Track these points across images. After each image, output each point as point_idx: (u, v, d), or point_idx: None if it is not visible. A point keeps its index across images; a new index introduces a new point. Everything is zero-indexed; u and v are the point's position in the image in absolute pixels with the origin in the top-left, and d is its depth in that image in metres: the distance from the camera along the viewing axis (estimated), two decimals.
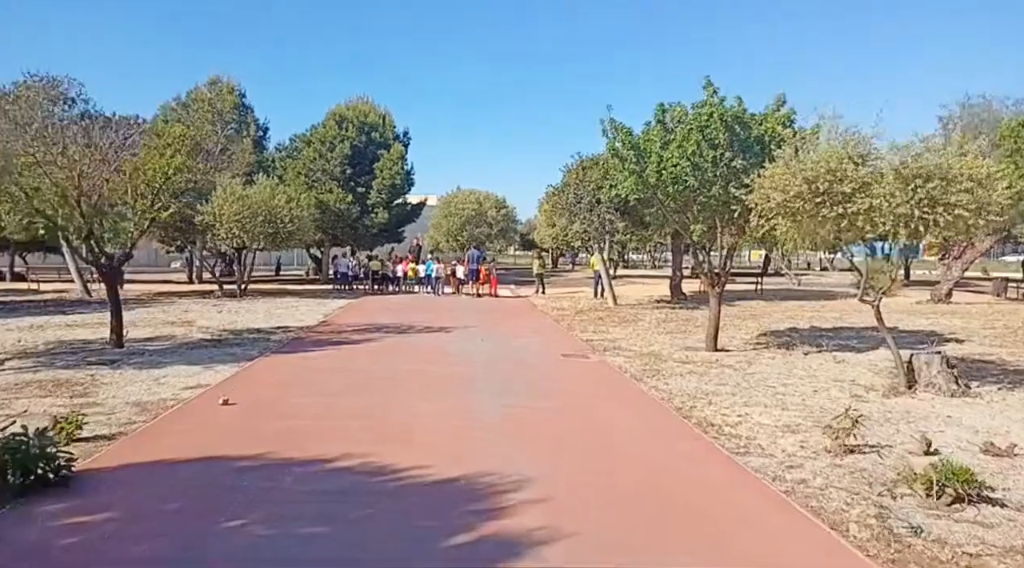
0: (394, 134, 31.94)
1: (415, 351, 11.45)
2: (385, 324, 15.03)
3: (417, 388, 8.46)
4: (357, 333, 13.49)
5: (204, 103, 28.19)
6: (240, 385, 8.49)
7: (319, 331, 13.92)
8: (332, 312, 17.72)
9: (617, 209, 17.82)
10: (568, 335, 14.10)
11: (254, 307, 18.65)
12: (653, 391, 8.67)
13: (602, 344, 12.69)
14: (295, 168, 28.31)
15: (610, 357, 11.26)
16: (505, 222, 44.56)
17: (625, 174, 10.83)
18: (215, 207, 20.04)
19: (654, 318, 17.17)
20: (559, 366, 10.43)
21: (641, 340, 13.33)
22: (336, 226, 27.99)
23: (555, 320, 16.67)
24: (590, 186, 17.87)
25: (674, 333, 14.45)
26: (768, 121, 10.56)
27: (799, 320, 16.70)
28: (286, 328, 14.26)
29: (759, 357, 11.47)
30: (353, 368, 9.71)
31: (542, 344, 12.74)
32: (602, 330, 14.86)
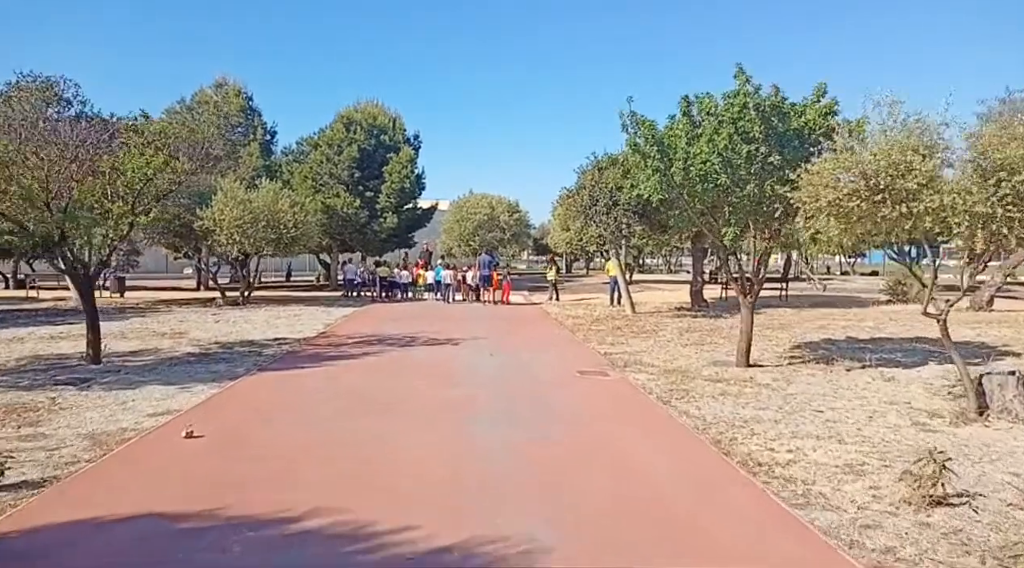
0: (404, 137, 31.05)
1: (416, 368, 10.42)
2: (388, 335, 14.04)
3: (414, 416, 7.43)
4: (357, 346, 12.50)
5: (209, 106, 27.44)
6: (214, 411, 7.50)
7: (317, 343, 12.95)
8: (334, 322, 16.77)
9: (635, 212, 16.72)
10: (584, 348, 13.03)
11: (254, 316, 17.75)
12: (684, 418, 7.58)
13: (622, 358, 11.62)
14: (302, 172, 27.48)
15: (632, 374, 10.18)
16: (518, 227, 43.61)
17: (648, 173, 9.77)
18: (215, 212, 19.18)
19: (676, 328, 16.05)
20: (575, 386, 9.36)
21: (664, 353, 12.24)
22: (344, 231, 27.10)
23: (570, 330, 15.60)
24: (607, 187, 16.80)
25: (699, 345, 13.34)
26: (808, 113, 9.45)
27: (833, 330, 15.52)
28: (282, 340, 13.31)
29: (797, 374, 10.34)
30: (345, 389, 8.70)
31: (556, 358, 11.69)
32: (621, 342, 13.78)
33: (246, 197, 19.67)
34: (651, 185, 9.69)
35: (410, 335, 14.11)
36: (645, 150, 9.81)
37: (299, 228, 20.37)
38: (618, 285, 22.02)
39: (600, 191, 16.87)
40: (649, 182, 9.70)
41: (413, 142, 31.82)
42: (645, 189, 9.95)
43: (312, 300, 23.49)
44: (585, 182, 17.66)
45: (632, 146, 9.92)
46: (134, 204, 10.57)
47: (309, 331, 14.79)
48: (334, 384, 8.97)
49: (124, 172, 10.30)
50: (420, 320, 17.70)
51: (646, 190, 9.92)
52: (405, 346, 12.59)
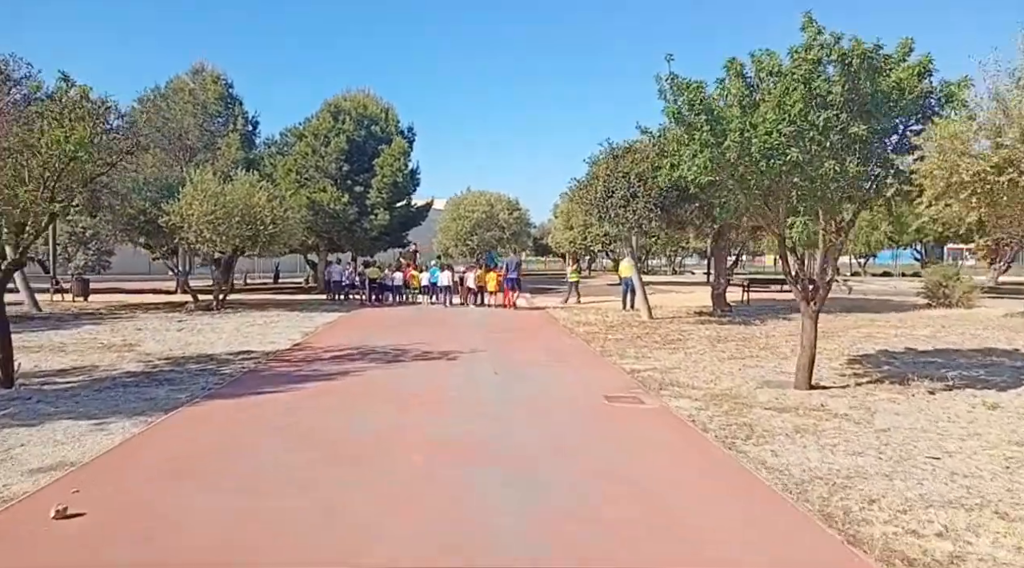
0: (397, 128, 28.98)
1: (403, 394, 8.37)
2: (374, 348, 12.01)
3: (393, 475, 5.38)
4: (334, 362, 10.46)
5: (185, 93, 25.35)
6: (119, 466, 5.47)
7: (287, 359, 10.91)
8: (314, 330, 14.72)
9: (656, 204, 14.73)
10: (604, 362, 11.02)
11: (224, 323, 15.69)
12: (763, 472, 5.56)
13: (652, 376, 9.62)
14: (285, 165, 25.42)
15: (672, 400, 8.18)
16: (518, 225, 41.57)
17: (694, 148, 7.74)
18: (182, 206, 17.12)
19: (704, 337, 14.06)
20: (604, 419, 7.34)
21: (702, 370, 10.25)
22: (331, 229, 25.05)
23: (584, 340, 13.58)
24: (626, 177, 14.80)
25: (738, 359, 11.36)
26: (898, 73, 7.44)
27: (884, 340, 13.56)
28: (248, 354, 11.27)
29: (874, 399, 8.35)
30: (306, 429, 6.65)
31: (575, 378, 9.67)
32: (645, 354, 11.78)
33: (218, 190, 17.60)
34: (699, 163, 7.66)
35: (399, 347, 12.07)
36: (691, 120, 7.79)
37: (278, 224, 18.32)
38: (632, 287, 20.05)
39: (617, 181, 14.86)
40: (697, 160, 7.67)
41: (407, 134, 29.75)
42: (690, 170, 7.92)
43: (295, 304, 21.43)
44: (599, 172, 15.65)
45: (673, 116, 7.90)
46: (54, 189, 8.51)
47: (282, 342, 12.74)
48: (294, 420, 6.92)
49: (40, 150, 8.26)
50: (412, 327, 15.67)
51: (691, 171, 7.89)
52: (391, 362, 10.55)
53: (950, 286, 19.86)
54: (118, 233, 18.47)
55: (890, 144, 7.60)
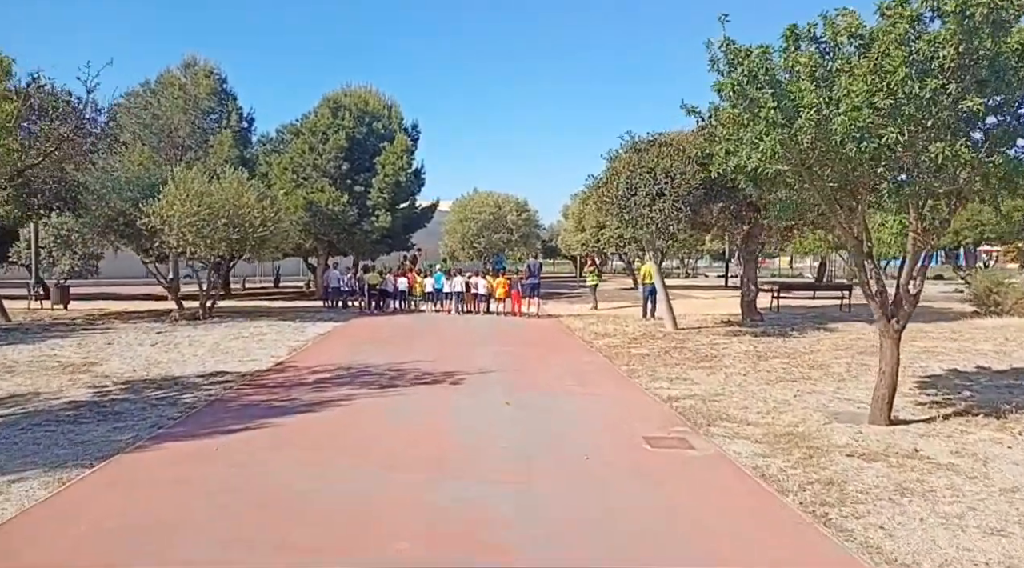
0: (400, 126, 27.44)
1: (391, 438, 6.79)
2: (366, 367, 10.47)
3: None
4: (317, 389, 8.91)
5: (175, 88, 23.92)
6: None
7: (265, 382, 9.38)
8: (303, 344, 13.20)
9: (687, 202, 13.16)
10: (634, 386, 9.45)
11: (206, 336, 14.20)
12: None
13: (695, 407, 8.05)
14: (281, 163, 23.93)
15: (726, 441, 6.62)
16: (527, 227, 40.00)
17: (760, 129, 6.16)
18: (161, 207, 15.64)
19: (741, 352, 12.47)
20: (651, 478, 5.74)
21: (750, 396, 8.68)
22: (330, 231, 23.54)
23: (607, 357, 12.01)
24: (651, 173, 13.24)
25: (788, 381, 9.78)
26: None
27: (946, 355, 11.96)
28: (220, 376, 9.76)
29: (972, 438, 6.78)
30: (257, 497, 5.07)
31: (602, 409, 8.10)
32: (679, 374, 10.21)
33: (203, 189, 16.12)
34: (764, 149, 6.07)
35: (395, 367, 10.53)
36: (754, 95, 6.20)
37: (269, 227, 16.81)
38: (654, 294, 18.46)
39: (641, 178, 13.29)
40: (762, 145, 6.09)
41: (411, 132, 28.23)
42: (750, 158, 6.34)
43: (290, 312, 19.93)
44: (620, 168, 14.08)
45: (732, 89, 6.31)
46: None
47: (264, 360, 11.23)
48: (246, 483, 5.34)
49: None
50: (413, 340, 14.13)
51: (752, 159, 6.31)
52: (385, 388, 8.99)
53: (1001, 293, 18.18)
54: (95, 236, 17.03)
55: (1010, 122, 6.00)
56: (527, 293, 19.08)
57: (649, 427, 7.16)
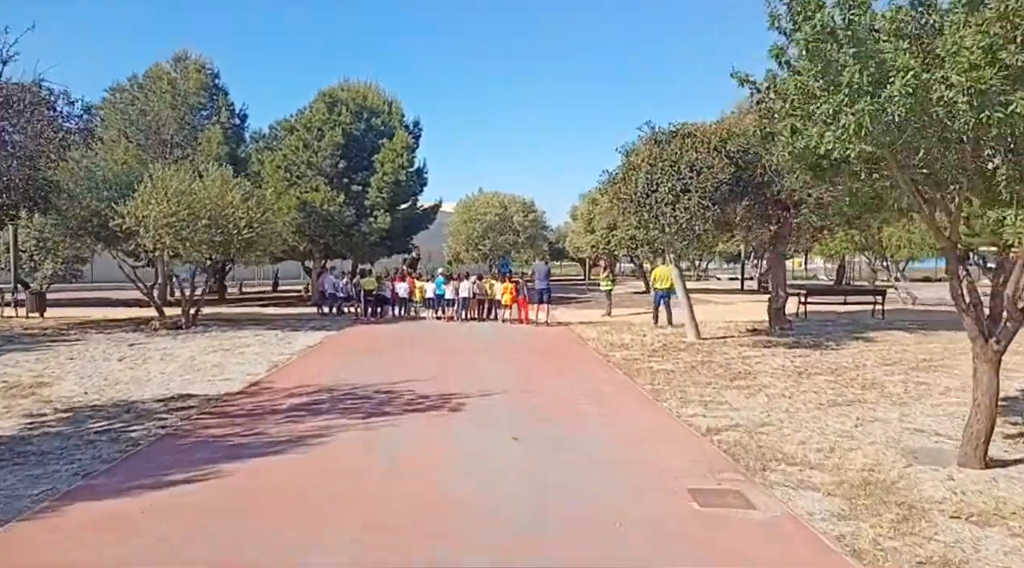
0: (402, 123, 26.13)
1: (367, 491, 5.43)
2: (352, 389, 9.12)
3: None
4: (289, 418, 7.54)
5: (163, 82, 22.66)
6: None
7: (232, 409, 8.02)
8: (287, 359, 11.86)
9: (713, 201, 11.79)
10: (663, 412, 8.07)
11: (182, 349, 12.89)
12: None
13: (740, 441, 6.67)
14: (273, 161, 22.61)
15: (790, 493, 5.26)
16: (534, 228, 38.66)
17: (841, 98, 4.77)
18: (135, 207, 14.34)
19: (777, 367, 11.08)
20: (703, 553, 4.37)
21: (803, 426, 7.30)
22: (325, 233, 22.22)
23: (627, 373, 10.62)
24: (674, 167, 11.87)
25: (842, 404, 8.40)
26: None
27: (1017, 373, 10.50)
28: (182, 400, 8.42)
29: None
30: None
31: (630, 446, 6.70)
32: (713, 396, 8.84)
33: (183, 187, 14.82)
34: (848, 124, 4.68)
35: (386, 388, 9.17)
36: (835, 57, 4.82)
37: (255, 228, 15.49)
38: (665, 300, 17.08)
39: (663, 172, 11.91)
40: (846, 118, 4.69)
41: (412, 130, 26.92)
42: (827, 137, 4.95)
43: (281, 320, 18.61)
44: (638, 162, 12.71)
45: (805, 47, 4.91)
46: None
47: (238, 379, 9.89)
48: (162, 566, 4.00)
49: None
50: (410, 354, 12.77)
51: (829, 138, 4.92)
52: (370, 417, 7.61)
53: None
54: (67, 239, 15.76)
55: None
56: (536, 299, 17.68)
57: (692, 472, 5.78)
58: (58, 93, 15.22)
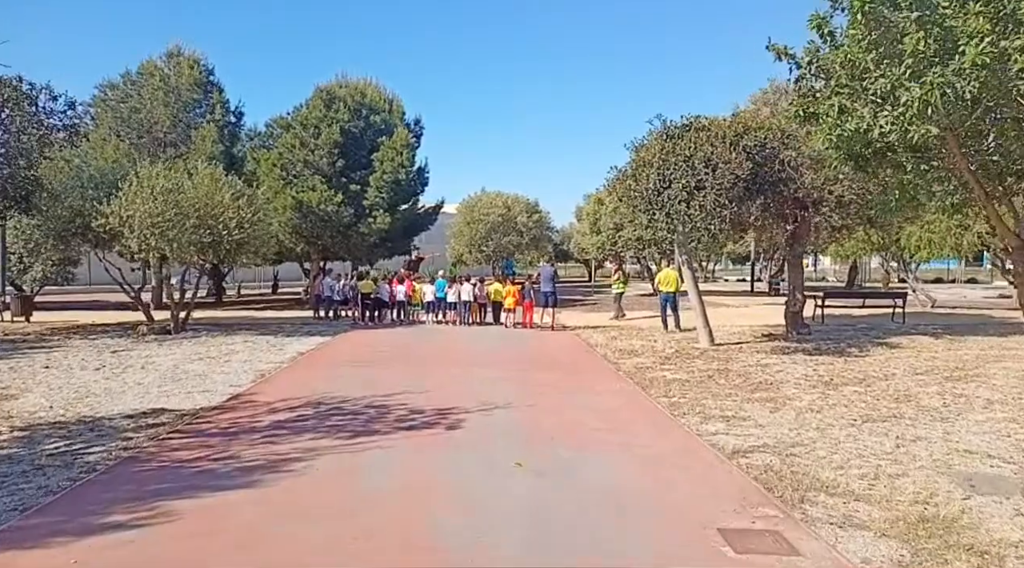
0: (402, 120, 25.41)
1: (343, 540, 4.68)
2: (341, 403, 8.37)
3: None
4: (267, 439, 6.80)
5: (155, 78, 21.97)
6: None
7: (207, 427, 7.29)
8: (275, 368, 11.14)
9: (730, 198, 11.04)
10: (682, 430, 7.31)
11: (166, 357, 12.18)
12: None
13: (773, 467, 5.92)
14: (268, 159, 21.90)
15: (838, 534, 4.50)
16: (538, 229, 37.95)
17: (902, 71, 4.01)
18: (119, 206, 13.65)
19: (801, 376, 10.31)
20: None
21: (840, 448, 6.54)
22: (322, 234, 21.49)
23: (639, 384, 9.85)
24: (687, 162, 11.13)
25: (877, 420, 7.63)
26: None
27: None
28: (155, 416, 7.69)
29: None
30: None
31: (648, 474, 5.94)
32: (735, 411, 8.08)
33: (170, 185, 14.12)
34: (916, 102, 3.93)
35: (378, 402, 8.43)
36: (894, 23, 4.06)
37: (246, 228, 14.77)
38: (672, 303, 16.32)
39: (676, 168, 11.16)
40: (914, 95, 3.94)
41: (413, 128, 26.19)
42: (883, 117, 4.20)
43: (276, 324, 17.90)
44: (648, 157, 11.96)
45: (861, 7, 4.15)
46: None
47: (220, 391, 9.16)
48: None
49: None
50: (406, 362, 12.03)
51: (887, 118, 4.17)
52: (356, 437, 6.86)
53: None
54: (51, 239, 15.06)
55: None
56: (541, 303, 16.92)
57: (720, 506, 5.02)
58: (40, 88, 14.52)
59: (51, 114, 14.98)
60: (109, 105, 21.70)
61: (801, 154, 12.32)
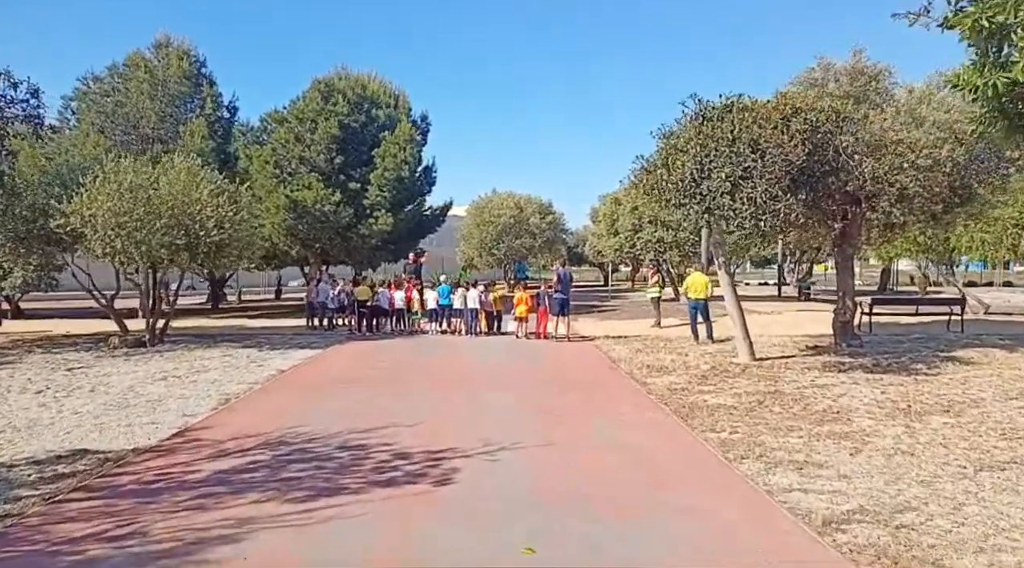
0: (407, 116, 23.79)
1: None
2: (309, 441, 6.71)
3: None
4: (201, 498, 5.13)
5: (140, 70, 20.49)
6: None
7: (125, 481, 5.64)
8: (246, 390, 9.50)
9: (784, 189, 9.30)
10: (743, 484, 5.56)
11: (126, 375, 10.61)
12: None
13: (887, 549, 4.19)
14: (261, 156, 20.34)
15: None
16: (551, 231, 36.22)
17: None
18: (80, 204, 12.11)
19: (871, 401, 8.53)
20: None
21: (963, 513, 4.82)
22: (320, 235, 19.91)
23: (676, 411, 8.10)
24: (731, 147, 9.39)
25: (995, 468, 5.90)
26: None
27: None
28: (70, 461, 6.08)
29: None
30: None
31: (711, 562, 4.22)
32: (804, 452, 6.34)
33: (140, 181, 12.57)
34: None
35: (356, 440, 6.76)
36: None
37: (226, 229, 13.18)
38: (704, 311, 14.55)
39: (718, 153, 9.43)
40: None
41: (419, 124, 24.58)
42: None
43: (264, 335, 16.31)
44: (681, 144, 10.22)
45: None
46: None
47: (171, 420, 7.55)
48: None
49: None
50: (398, 383, 10.35)
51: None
52: (318, 496, 5.17)
53: None
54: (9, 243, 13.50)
55: None
56: (555, 310, 15.19)
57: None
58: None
59: (12, 103, 13.48)
60: (92, 98, 20.26)
61: (859, 140, 10.57)
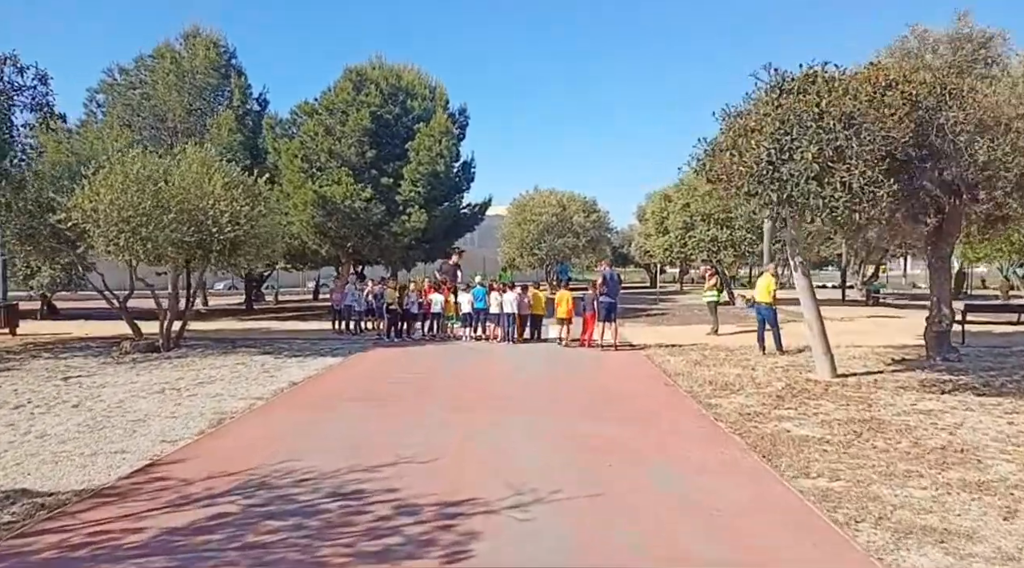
0: (445, 108, 22.49)
1: None
2: (296, 484, 5.38)
3: None
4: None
5: (166, 60, 19.68)
6: None
7: (48, 542, 4.39)
8: (246, 408, 8.28)
9: (884, 173, 7.64)
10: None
11: (121, 387, 9.54)
12: None
13: None
14: (289, 149, 19.30)
15: None
16: (596, 230, 34.60)
17: None
18: (81, 197, 11.12)
19: (998, 434, 6.85)
20: None
21: None
22: (350, 233, 18.77)
23: (755, 447, 6.52)
24: (817, 122, 7.77)
25: None
26: None
27: None
28: (7, 505, 4.88)
29: None
30: None
31: None
32: (937, 512, 4.74)
33: (148, 173, 11.54)
34: None
35: (354, 484, 5.40)
36: None
37: (242, 225, 12.06)
38: (771, 318, 12.86)
39: (800, 134, 7.83)
40: None
41: (457, 117, 23.29)
42: None
43: (286, 340, 15.23)
44: (753, 124, 8.62)
45: None
46: None
47: (145, 449, 6.35)
48: None
49: None
50: (419, 401, 8.97)
51: None
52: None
53: None
54: (13, 240, 12.66)
55: None
56: (603, 315, 13.63)
57: None
58: (3, 58, 12.18)
59: (19, 90, 12.64)
60: (118, 91, 19.55)
61: (969, 117, 8.80)
